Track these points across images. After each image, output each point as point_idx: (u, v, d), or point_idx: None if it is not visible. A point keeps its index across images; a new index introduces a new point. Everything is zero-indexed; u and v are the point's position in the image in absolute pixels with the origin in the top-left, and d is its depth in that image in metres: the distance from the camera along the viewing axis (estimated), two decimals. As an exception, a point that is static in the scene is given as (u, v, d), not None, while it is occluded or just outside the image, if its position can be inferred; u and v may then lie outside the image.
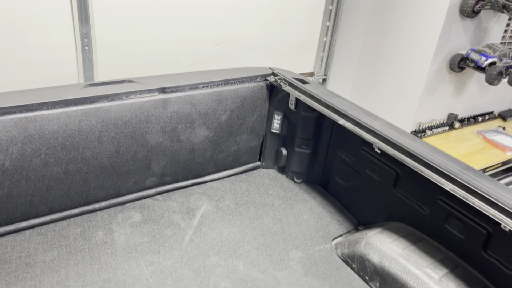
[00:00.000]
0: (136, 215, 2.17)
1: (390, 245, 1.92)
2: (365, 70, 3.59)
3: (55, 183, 1.97)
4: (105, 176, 2.11)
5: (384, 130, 1.92)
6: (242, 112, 2.45)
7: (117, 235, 2.01)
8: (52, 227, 2.02)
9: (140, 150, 2.16)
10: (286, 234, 2.16)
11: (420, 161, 1.73)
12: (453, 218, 1.84)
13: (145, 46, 2.64)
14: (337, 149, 2.42)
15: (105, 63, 2.54)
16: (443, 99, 3.38)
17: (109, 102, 2.00)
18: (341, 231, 2.24)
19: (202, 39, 2.85)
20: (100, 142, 2.02)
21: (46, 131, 1.86)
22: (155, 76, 2.32)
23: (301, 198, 2.46)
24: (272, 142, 2.66)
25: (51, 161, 1.91)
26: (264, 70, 2.53)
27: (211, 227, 2.14)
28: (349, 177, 2.36)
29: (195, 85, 2.25)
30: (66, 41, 2.37)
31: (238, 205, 2.34)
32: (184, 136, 2.29)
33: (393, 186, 2.09)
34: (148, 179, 2.27)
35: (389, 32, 3.33)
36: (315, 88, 2.30)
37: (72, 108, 1.91)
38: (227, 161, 2.56)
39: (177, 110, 2.20)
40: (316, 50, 3.39)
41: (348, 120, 2.03)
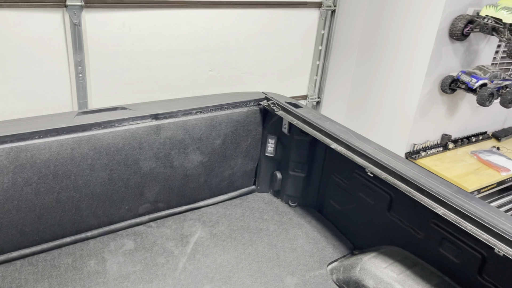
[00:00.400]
0: (129, 242, 2.14)
1: (385, 270, 1.90)
2: (359, 92, 3.63)
3: (47, 212, 1.96)
4: (98, 203, 2.10)
5: (376, 154, 1.93)
6: (236, 136, 2.46)
7: (110, 264, 1.99)
8: (43, 256, 2.00)
9: (133, 177, 2.15)
10: (281, 260, 2.14)
11: (412, 185, 1.73)
12: (448, 242, 1.82)
13: (139, 72, 2.66)
14: (331, 173, 2.42)
15: (99, 90, 2.56)
16: (436, 120, 3.40)
17: (102, 129, 2.01)
18: (337, 256, 2.22)
19: (196, 65, 2.88)
20: (92, 169, 2.01)
21: (38, 160, 1.86)
22: (148, 102, 2.33)
23: (296, 222, 2.44)
24: (266, 166, 2.66)
25: (42, 190, 1.90)
26: (257, 95, 2.55)
27: (205, 254, 2.12)
28: (343, 200, 2.35)
29: (188, 110, 2.26)
30: (60, 69, 2.39)
31: (232, 231, 2.32)
32: (178, 162, 2.29)
33: (387, 209, 2.08)
34: (141, 206, 2.26)
35: (381, 55, 3.37)
36: (308, 112, 2.32)
37: (64, 136, 1.91)
38: (221, 186, 2.55)
39: (170, 136, 2.21)
40: (310, 73, 3.43)
41: (340, 144, 2.04)
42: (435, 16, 2.94)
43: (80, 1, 2.28)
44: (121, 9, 2.44)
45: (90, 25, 2.38)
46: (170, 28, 2.66)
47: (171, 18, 2.64)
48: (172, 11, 2.63)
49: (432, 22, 2.97)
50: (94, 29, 2.40)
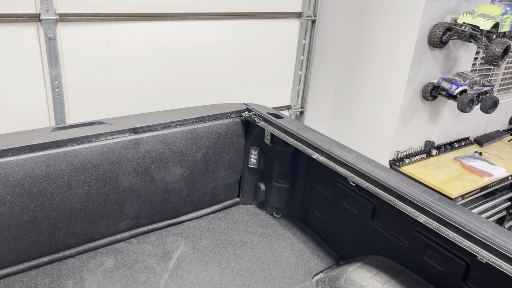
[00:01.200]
0: (109, 260, 2.09)
1: (370, 280, 1.87)
2: (342, 101, 3.64)
3: (22, 232, 1.90)
4: (76, 221, 2.04)
5: (358, 163, 1.91)
6: (218, 148, 2.43)
7: (88, 284, 1.93)
8: (19, 278, 1.93)
9: (112, 193, 2.10)
10: (266, 273, 2.10)
11: (394, 194, 1.72)
12: (431, 250, 1.81)
13: (118, 86, 2.63)
14: (314, 183, 2.40)
15: (77, 105, 2.51)
16: (419, 127, 3.42)
17: (78, 145, 1.96)
18: (322, 267, 2.19)
19: (176, 77, 2.85)
20: (69, 186, 1.96)
21: (11, 178, 1.80)
22: (127, 116, 2.29)
23: (281, 234, 2.41)
24: (250, 178, 2.63)
25: (16, 209, 1.84)
26: (239, 106, 2.53)
27: (188, 270, 2.07)
28: (327, 210, 2.33)
29: (168, 123, 2.23)
30: (36, 84, 2.34)
31: (216, 245, 2.27)
32: (158, 176, 2.24)
33: (371, 218, 2.06)
34: (121, 222, 2.21)
35: (363, 64, 3.39)
36: (289, 122, 2.30)
37: (38, 153, 1.86)
38: (204, 199, 2.51)
39: (149, 150, 2.17)
40: (292, 83, 3.42)
41: (322, 154, 2.02)
42: (414, 24, 2.97)
43: (54, 15, 2.24)
44: (98, 22, 2.41)
45: (66, 39, 2.34)
46: (149, 40, 2.64)
47: (150, 31, 2.62)
48: (151, 23, 2.61)
49: (411, 30, 2.99)
50: (70, 43, 2.36)
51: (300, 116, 3.56)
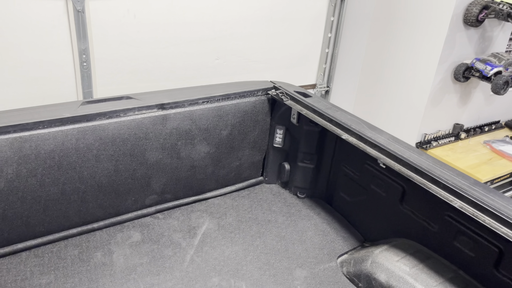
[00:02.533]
0: (135, 234, 2.11)
1: (398, 263, 1.85)
2: (368, 81, 3.55)
3: (52, 204, 1.93)
4: (104, 195, 2.06)
5: (389, 144, 1.86)
6: (244, 127, 2.40)
7: (116, 256, 1.96)
8: (50, 248, 1.97)
9: (139, 168, 2.11)
10: (290, 252, 2.10)
11: (427, 177, 1.67)
12: (463, 235, 1.77)
13: (144, 61, 2.61)
14: (341, 164, 2.36)
15: (104, 79, 2.51)
16: (448, 109, 3.32)
17: (107, 119, 1.96)
18: (347, 248, 2.17)
19: (202, 53, 2.81)
20: (98, 160, 1.97)
21: (42, 150, 1.82)
22: (154, 91, 2.28)
23: (305, 214, 2.40)
24: (274, 157, 2.60)
25: (47, 181, 1.87)
26: (266, 84, 2.49)
27: (213, 246, 2.08)
28: (354, 192, 2.30)
29: (195, 100, 2.21)
30: (64, 58, 2.34)
31: (240, 222, 2.28)
32: (184, 153, 2.24)
33: (399, 201, 2.02)
34: (148, 197, 2.22)
35: (392, 42, 3.28)
36: (318, 101, 2.26)
37: (68, 126, 1.87)
38: (229, 177, 2.51)
39: (176, 126, 2.16)
40: (318, 61, 3.35)
41: (352, 134, 1.98)
42: (449, 2, 2.84)
43: (83, -12, 2.22)
44: (126, -4, 2.38)
45: (94, 12, 2.32)
46: (175, 15, 2.59)
47: (177, 5, 2.57)
48: (178, -2, 2.57)
49: (446, 8, 2.87)
50: (98, 16, 2.34)
51: (325, 95, 3.50)
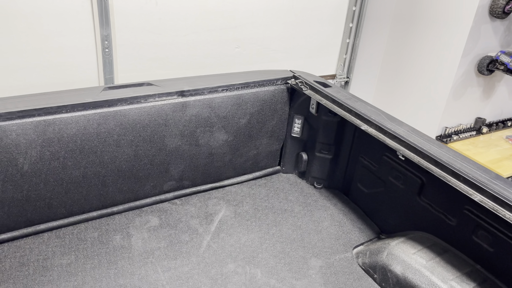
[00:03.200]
0: (153, 219, 2.15)
1: (414, 256, 1.84)
2: (389, 72, 3.50)
3: (74, 187, 1.97)
4: (123, 179, 2.10)
5: (409, 136, 1.85)
6: (262, 116, 2.40)
7: (134, 240, 2.00)
8: (70, 230, 2.02)
9: (158, 154, 2.14)
10: (306, 241, 2.10)
11: (447, 170, 1.65)
12: (482, 229, 1.75)
13: (165, 48, 2.62)
14: (359, 155, 2.35)
15: (125, 66, 2.54)
16: (470, 103, 3.26)
17: (128, 105, 1.99)
18: (363, 240, 2.17)
19: (222, 41, 2.82)
20: (118, 145, 2.00)
21: (65, 134, 1.85)
22: (174, 79, 2.29)
23: (322, 204, 2.40)
24: (292, 147, 2.60)
25: (69, 164, 1.91)
26: (285, 73, 2.48)
27: (229, 233, 2.10)
28: (371, 184, 2.29)
29: (214, 88, 2.22)
30: (87, 44, 2.38)
31: (256, 210, 2.29)
32: (203, 140, 2.26)
33: (417, 194, 2.01)
34: (166, 183, 2.26)
35: (414, 33, 3.23)
36: (337, 92, 2.24)
37: (90, 111, 1.90)
38: (246, 166, 2.52)
39: (196, 113, 2.17)
40: (339, 52, 3.32)
41: (371, 125, 1.96)
42: (475, -8, 2.78)
43: (107, -26, 2.24)
44: (148, -17, 2.39)
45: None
46: (197, 3, 2.60)
47: (198, -7, 2.58)
48: (200, -15, 2.57)
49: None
50: (121, 3, 2.36)
51: (345, 86, 3.47)
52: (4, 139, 1.73)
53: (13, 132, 1.74)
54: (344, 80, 3.42)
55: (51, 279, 1.74)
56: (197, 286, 1.78)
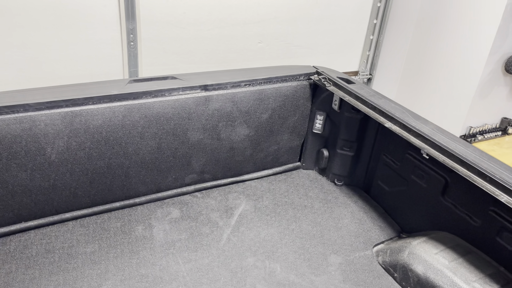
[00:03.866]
0: (175, 211, 2.18)
1: (436, 256, 1.82)
2: (413, 70, 3.45)
3: (98, 177, 2.01)
4: (146, 171, 2.13)
5: (434, 135, 1.82)
6: (284, 111, 2.40)
7: (156, 231, 2.03)
8: (94, 219, 2.06)
9: (180, 147, 2.16)
10: (325, 238, 2.10)
11: (473, 169, 1.63)
12: (507, 231, 1.71)
13: (189, 42, 2.64)
14: (381, 153, 2.33)
15: (149, 59, 2.57)
16: (496, 102, 3.19)
17: (152, 98, 2.01)
18: (383, 238, 2.15)
19: (245, 36, 2.82)
20: (142, 137, 2.03)
21: (91, 125, 1.89)
22: (198, 73, 2.31)
23: (342, 201, 2.39)
24: (313, 143, 2.60)
25: (94, 155, 1.95)
26: (308, 69, 2.47)
27: (249, 227, 2.12)
28: (393, 182, 2.26)
29: (237, 83, 2.22)
30: (113, 37, 2.41)
31: (276, 205, 2.30)
32: (225, 134, 2.27)
33: (441, 194, 1.98)
34: (187, 176, 2.28)
35: (440, 30, 3.17)
36: (361, 88, 2.22)
37: (116, 103, 1.93)
38: (266, 161, 2.52)
39: (218, 107, 2.19)
40: (362, 48, 3.29)
41: (395, 123, 1.94)
42: (505, -11, 2.71)
43: (134, -32, 2.27)
44: (174, -23, 2.41)
45: (143, -7, 2.37)
46: (221, -3, 2.61)
47: (222, -13, 2.59)
48: (224, -20, 2.58)
49: (501, -4, 2.74)
50: (146, -4, 2.39)
51: (368, 83, 3.44)
52: (33, 128, 1.78)
53: (41, 122, 1.79)
54: (366, 77, 3.39)
55: (76, 267, 1.78)
56: (217, 279, 1.80)
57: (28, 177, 1.84)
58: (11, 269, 1.74)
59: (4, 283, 1.68)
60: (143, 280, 1.75)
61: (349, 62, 3.33)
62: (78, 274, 1.75)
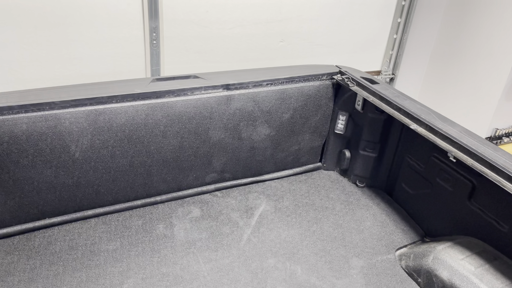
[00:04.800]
0: (195, 210, 2.18)
1: (462, 261, 1.77)
2: (437, 70, 3.38)
3: (121, 175, 2.02)
4: (168, 170, 2.13)
5: (462, 137, 1.77)
6: (306, 111, 2.38)
7: (177, 230, 2.03)
8: (116, 217, 2.08)
9: (202, 146, 2.16)
10: (347, 240, 2.07)
11: (503, 174, 1.58)
12: (538, 238, 1.66)
13: (211, 41, 2.64)
14: (405, 155, 2.28)
15: (172, 58, 2.57)
16: (524, 104, 3.10)
17: (175, 97, 2.01)
18: (406, 242, 2.11)
19: (267, 35, 2.80)
20: (164, 136, 2.04)
21: (114, 123, 1.90)
22: (220, 72, 2.31)
23: (364, 203, 2.35)
24: (335, 143, 2.56)
25: (117, 153, 1.96)
26: (331, 68, 2.44)
27: (269, 228, 2.10)
28: (417, 184, 2.22)
29: (259, 82, 2.21)
30: (136, 35, 2.42)
31: (297, 206, 2.28)
32: (246, 134, 2.26)
33: (467, 198, 1.93)
34: (208, 175, 2.28)
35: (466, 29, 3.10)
36: (385, 89, 2.18)
37: (139, 102, 1.94)
38: (287, 161, 2.51)
39: (240, 107, 2.18)
40: (385, 47, 3.23)
41: (421, 125, 1.90)
42: (537, -13, 2.63)
43: (157, -33, 2.27)
44: (197, -25, 2.41)
45: (166, -9, 2.38)
46: (244, -5, 2.60)
47: (245, -14, 2.58)
48: (247, -22, 2.56)
49: (532, -6, 2.66)
50: (169, -5, 2.40)
51: (390, 83, 3.38)
52: (58, 126, 1.80)
53: (66, 120, 1.80)
54: (389, 76, 3.34)
55: (98, 264, 1.80)
56: (238, 279, 1.79)
57: (53, 174, 1.87)
58: (35, 265, 1.77)
59: (28, 278, 1.70)
60: (164, 279, 1.76)
61: (371, 62, 3.28)
62: (101, 271, 1.77)
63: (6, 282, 1.68)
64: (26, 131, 1.74)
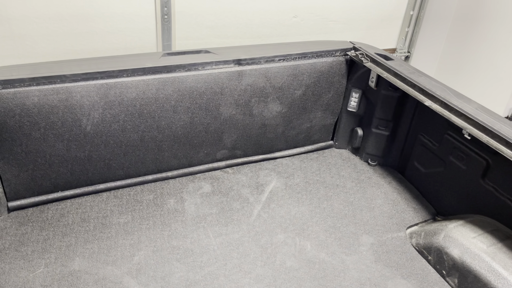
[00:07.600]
0: (206, 186, 2.18)
1: (474, 240, 1.75)
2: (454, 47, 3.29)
3: (131, 149, 2.03)
4: (179, 145, 2.13)
5: (477, 114, 1.73)
6: (318, 88, 2.34)
7: (188, 204, 2.04)
8: (127, 191, 2.10)
9: (213, 122, 2.15)
10: (357, 218, 2.06)
11: (519, 152, 1.54)
12: (553, 218, 1.63)
13: (222, 16, 2.60)
14: (418, 133, 2.25)
15: (183, 33, 2.55)
16: (544, 83, 3.01)
17: (186, 72, 2.00)
18: (417, 220, 2.10)
19: (280, 10, 2.75)
20: (175, 112, 2.03)
21: (125, 98, 1.90)
22: (231, 47, 2.28)
23: (375, 181, 2.33)
24: (347, 121, 2.53)
25: (128, 127, 1.96)
26: (344, 44, 2.39)
27: (280, 204, 2.10)
28: (430, 163, 2.19)
29: (271, 57, 2.18)
30: (147, 10, 2.40)
31: (308, 184, 2.27)
32: (257, 110, 2.24)
33: (481, 176, 1.90)
34: (219, 152, 2.27)
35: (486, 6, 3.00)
36: (400, 65, 2.13)
37: (150, 76, 1.93)
38: (298, 138, 2.49)
39: (251, 83, 2.15)
40: (401, 24, 3.15)
41: (436, 101, 1.86)
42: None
43: None
44: None
45: (177, -35, 2.34)
46: (256, -31, 2.55)
47: (258, -41, 2.52)
48: (260, -49, 2.50)
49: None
50: (181, -32, 2.36)
51: (405, 60, 3.31)
52: (69, 99, 1.80)
53: (77, 93, 1.81)
54: (404, 54, 3.27)
55: (110, 236, 1.82)
56: (247, 253, 1.80)
57: (64, 147, 1.88)
58: (48, 236, 1.80)
59: (42, 248, 1.74)
60: (175, 252, 1.78)
61: (386, 39, 3.20)
62: (112, 243, 1.79)
63: (20, 252, 1.72)
64: (37, 103, 1.75)
